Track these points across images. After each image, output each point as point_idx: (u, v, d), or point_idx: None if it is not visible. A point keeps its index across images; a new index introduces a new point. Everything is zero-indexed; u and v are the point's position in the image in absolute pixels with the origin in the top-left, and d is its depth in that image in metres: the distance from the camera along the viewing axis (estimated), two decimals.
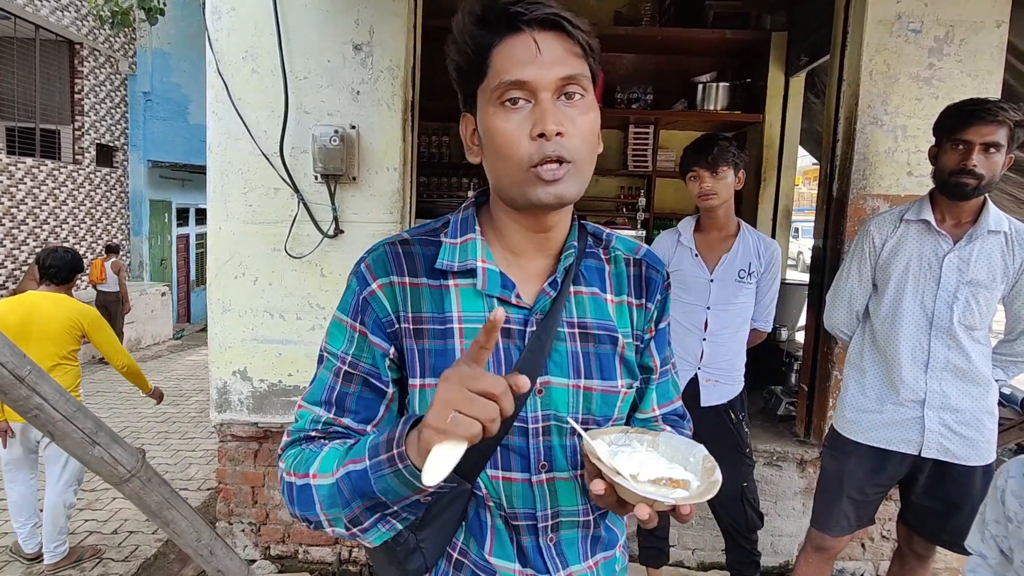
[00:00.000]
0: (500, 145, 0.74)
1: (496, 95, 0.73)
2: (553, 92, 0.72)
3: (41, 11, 7.64)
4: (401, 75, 2.55)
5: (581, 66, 0.73)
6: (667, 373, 0.95)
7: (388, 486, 0.68)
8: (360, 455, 0.71)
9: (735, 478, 2.20)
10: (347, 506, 0.72)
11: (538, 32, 0.72)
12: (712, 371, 2.18)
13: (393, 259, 0.81)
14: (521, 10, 0.71)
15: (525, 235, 0.82)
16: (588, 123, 0.75)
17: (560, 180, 0.73)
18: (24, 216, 7.76)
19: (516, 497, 0.81)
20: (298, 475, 0.76)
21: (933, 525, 1.86)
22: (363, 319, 0.80)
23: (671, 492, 0.69)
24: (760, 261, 2.17)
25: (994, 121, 1.60)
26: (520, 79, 0.71)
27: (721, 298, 2.16)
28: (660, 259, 0.94)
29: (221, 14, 2.52)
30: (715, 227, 2.20)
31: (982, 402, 1.76)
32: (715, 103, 4.16)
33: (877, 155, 2.52)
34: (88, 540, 3.24)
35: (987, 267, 1.72)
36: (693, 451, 0.76)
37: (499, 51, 0.73)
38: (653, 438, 0.79)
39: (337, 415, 0.80)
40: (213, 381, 2.69)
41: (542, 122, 0.71)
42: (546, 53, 0.71)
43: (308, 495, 0.75)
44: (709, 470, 0.72)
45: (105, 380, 6.76)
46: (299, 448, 0.80)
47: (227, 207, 2.60)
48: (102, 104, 8.99)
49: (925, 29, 2.44)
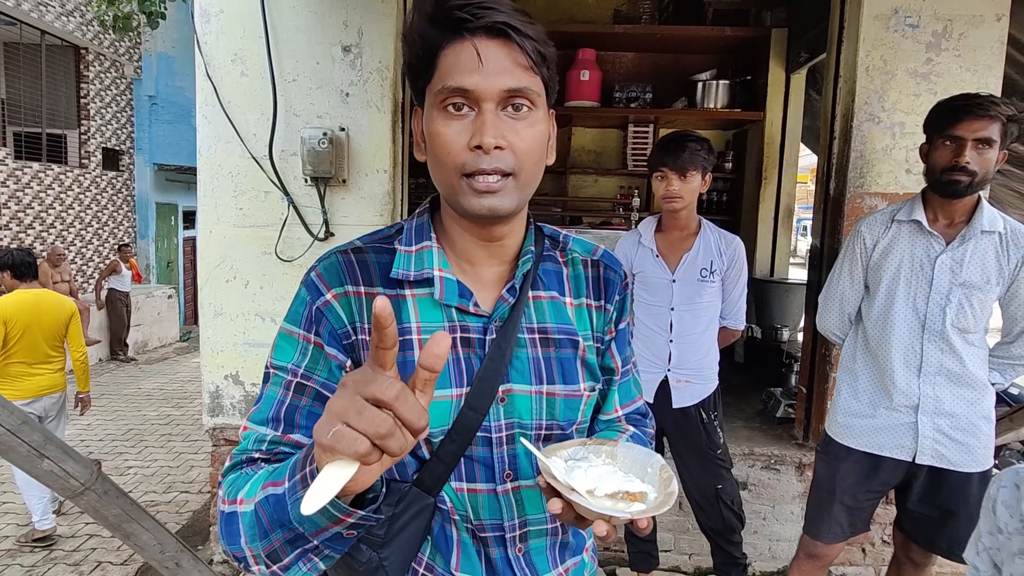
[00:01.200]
0: (438, 150, 0.72)
1: (439, 99, 0.70)
2: (497, 103, 0.69)
3: (46, 16, 7.70)
4: (390, 76, 2.53)
5: (529, 79, 0.70)
6: (628, 373, 0.94)
7: (301, 515, 0.57)
8: (282, 476, 0.62)
9: (709, 480, 2.18)
10: (265, 538, 0.63)
11: (483, 40, 0.69)
12: (682, 372, 2.15)
13: (346, 268, 0.77)
14: (466, 16, 0.68)
15: (476, 243, 0.80)
16: (533, 136, 0.72)
17: (495, 192, 0.71)
18: (31, 220, 7.83)
19: (482, 508, 0.79)
20: (228, 502, 0.69)
21: (929, 533, 1.81)
22: (317, 330, 0.76)
23: (628, 506, 0.68)
24: (723, 259, 2.14)
25: (986, 116, 1.56)
26: (462, 87, 0.69)
27: (684, 298, 2.13)
28: (617, 259, 0.92)
29: (210, 17, 2.52)
30: (676, 227, 2.18)
31: (977, 407, 1.71)
32: (715, 101, 4.13)
33: (874, 152, 2.47)
34: (88, 543, 3.25)
35: (981, 268, 1.67)
36: (650, 461, 0.75)
37: (445, 54, 0.70)
38: (612, 448, 0.77)
39: (285, 431, 0.73)
40: (205, 385, 2.69)
41: (480, 133, 0.69)
42: (490, 63, 0.68)
43: (234, 525, 0.66)
44: (666, 480, 0.71)
45: (110, 383, 6.81)
46: (238, 472, 0.73)
47: (217, 210, 2.60)
48: (108, 108, 9.06)
49: (923, 24, 2.39)
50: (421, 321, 0.77)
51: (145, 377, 7.18)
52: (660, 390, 2.17)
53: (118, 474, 4.19)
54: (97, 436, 4.97)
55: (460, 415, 0.76)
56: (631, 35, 4.10)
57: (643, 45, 4.32)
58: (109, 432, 5.08)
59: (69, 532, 3.33)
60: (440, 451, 0.76)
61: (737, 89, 4.15)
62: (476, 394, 0.76)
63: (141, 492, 3.89)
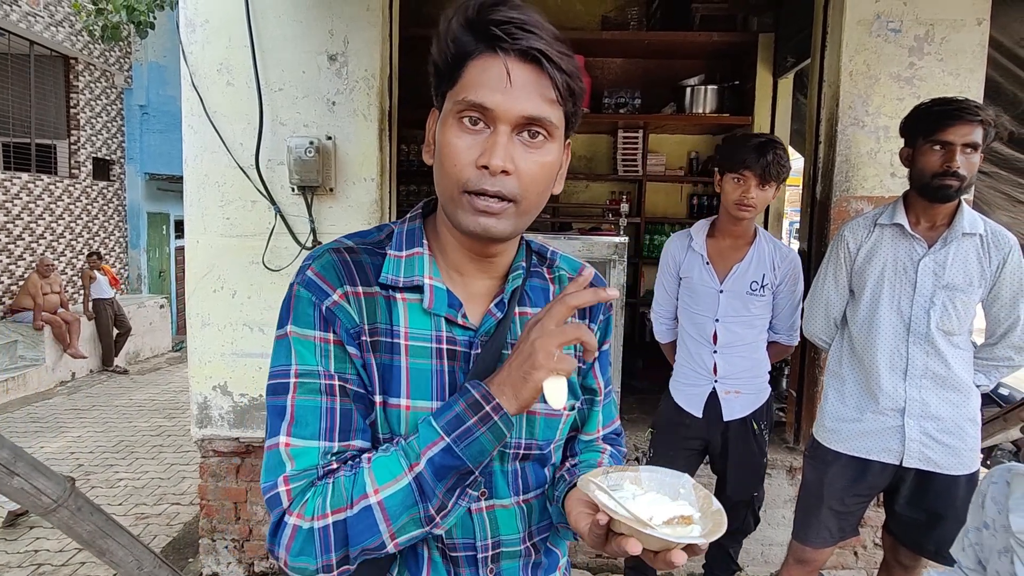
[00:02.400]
0: (445, 160, 0.71)
1: (457, 108, 0.69)
2: (513, 127, 0.69)
3: (35, 27, 7.67)
4: (377, 85, 2.53)
5: (551, 110, 0.69)
6: (609, 394, 0.95)
7: (483, 447, 0.69)
8: (432, 438, 0.69)
9: (749, 487, 2.15)
10: (430, 498, 0.69)
11: (515, 61, 0.67)
12: (731, 382, 2.05)
13: (343, 267, 0.75)
14: (502, 34, 0.66)
15: (467, 256, 0.79)
16: (542, 167, 0.71)
17: (493, 215, 0.70)
18: (20, 231, 7.78)
19: (455, 527, 0.77)
20: (342, 508, 0.68)
21: (917, 536, 1.81)
22: (334, 329, 0.73)
23: (690, 531, 0.67)
24: (776, 273, 2.02)
25: (974, 121, 1.57)
26: (482, 103, 0.68)
27: (731, 310, 2.01)
28: (602, 279, 0.92)
29: (195, 27, 2.51)
30: (733, 234, 2.04)
31: (963, 409, 1.72)
32: (704, 106, 4.14)
33: (859, 156, 2.49)
34: (77, 557, 3.22)
35: (963, 270, 1.68)
36: (680, 482, 0.74)
37: (474, 64, 0.69)
38: (635, 474, 0.76)
39: (344, 440, 0.72)
40: (193, 396, 2.67)
41: (490, 154, 0.68)
42: (517, 87, 0.67)
43: (369, 519, 0.68)
44: (705, 499, 0.71)
45: (101, 394, 6.76)
46: (322, 486, 0.70)
47: (204, 220, 2.59)
48: (98, 118, 9.03)
49: (905, 28, 2.41)
50: (410, 327, 0.76)
51: (137, 388, 7.12)
52: (709, 403, 2.07)
53: (108, 486, 4.15)
54: (87, 448, 4.93)
55: None
56: (619, 41, 4.12)
57: (631, 51, 4.34)
58: (99, 444, 5.03)
59: (57, 547, 3.29)
60: None
61: (725, 94, 4.16)
62: None
63: (131, 504, 3.86)
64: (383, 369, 0.74)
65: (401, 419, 0.74)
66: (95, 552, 1.06)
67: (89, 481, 4.21)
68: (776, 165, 1.87)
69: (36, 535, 3.37)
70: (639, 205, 4.54)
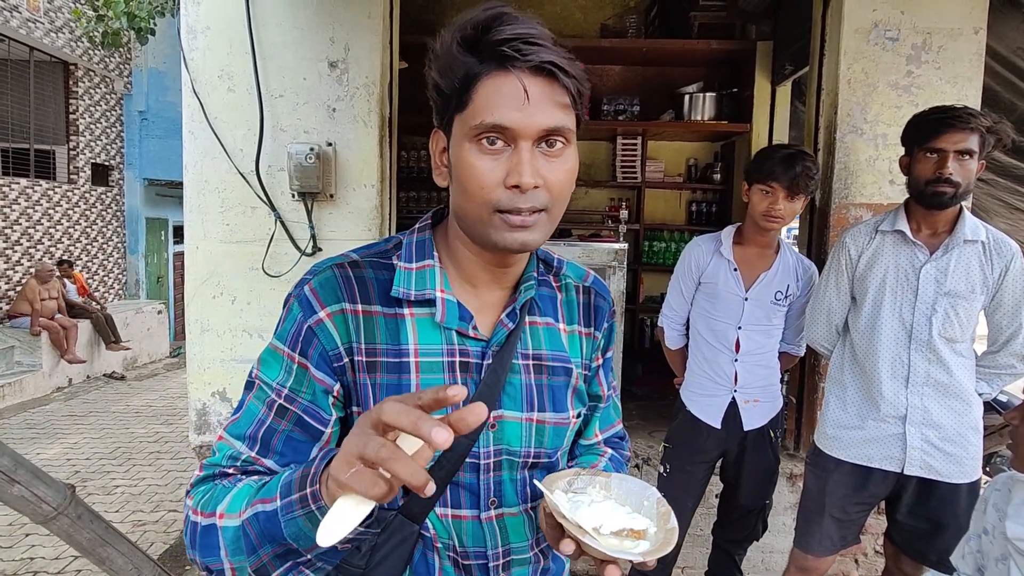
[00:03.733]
0: (469, 183, 0.70)
1: (474, 132, 0.68)
2: (534, 141, 0.69)
3: (35, 33, 7.69)
4: (377, 91, 2.53)
5: (567, 117, 0.70)
6: (610, 399, 0.95)
7: (299, 530, 0.60)
8: (271, 494, 0.63)
9: (761, 496, 2.14)
10: (253, 553, 0.64)
11: (529, 77, 0.67)
12: (751, 391, 2.05)
13: (344, 283, 0.74)
14: (512, 53, 0.66)
15: (483, 267, 0.78)
16: (566, 172, 0.72)
17: (529, 228, 0.70)
18: (18, 236, 7.77)
19: (466, 535, 0.77)
20: (204, 514, 0.68)
21: (919, 544, 1.81)
22: (305, 350, 0.73)
23: (635, 546, 0.67)
24: (798, 284, 2.03)
25: (966, 128, 1.58)
26: (502, 124, 0.67)
27: (753, 318, 2.01)
28: (606, 286, 0.93)
29: (196, 34, 2.52)
30: (760, 244, 2.04)
31: (965, 417, 1.72)
32: (702, 113, 4.16)
33: (858, 164, 2.50)
34: (73, 564, 3.19)
35: (965, 278, 1.68)
36: (646, 493, 0.74)
37: (484, 86, 0.68)
38: (606, 479, 0.76)
39: (260, 454, 0.72)
40: (192, 402, 2.66)
41: (518, 173, 0.67)
42: (534, 101, 0.67)
43: (213, 538, 0.66)
44: (664, 515, 0.70)
45: (99, 400, 6.74)
46: (211, 484, 0.72)
47: (204, 226, 2.59)
48: (97, 124, 9.03)
49: (902, 37, 2.43)
50: (420, 343, 0.75)
51: (134, 394, 7.10)
52: (729, 413, 2.05)
53: (105, 493, 4.13)
54: (84, 455, 4.90)
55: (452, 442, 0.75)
56: (618, 49, 4.14)
57: (630, 59, 4.36)
58: (96, 450, 5.01)
59: (53, 554, 3.27)
60: None
61: (724, 101, 4.18)
62: None
63: (128, 511, 3.83)
64: (388, 390, 0.73)
65: None
66: (95, 560, 1.05)
67: (86, 488, 4.18)
68: (805, 177, 1.86)
69: (32, 542, 3.35)
70: (638, 212, 4.55)
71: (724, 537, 2.28)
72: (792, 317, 2.10)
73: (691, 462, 2.12)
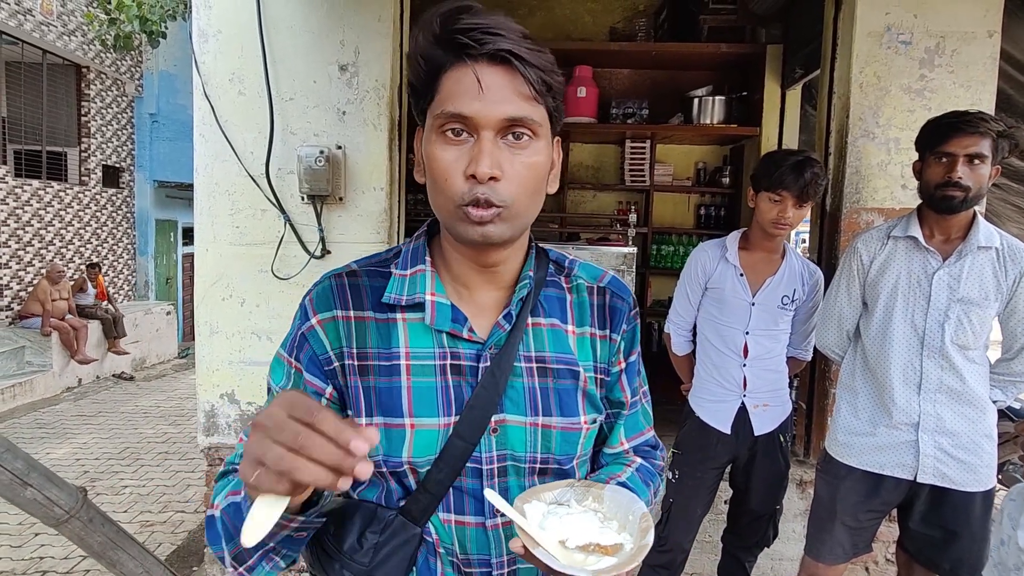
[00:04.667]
0: (435, 175, 0.71)
1: (438, 123, 0.69)
2: (496, 131, 0.68)
3: (48, 36, 7.76)
4: (387, 95, 2.54)
5: (531, 108, 0.69)
6: (637, 404, 0.92)
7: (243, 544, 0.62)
8: (240, 486, 0.67)
9: (772, 501, 2.13)
10: (231, 540, 0.68)
11: (485, 67, 0.67)
12: (760, 396, 2.04)
13: (338, 292, 0.77)
14: (469, 41, 0.66)
15: (472, 268, 0.78)
16: (530, 167, 0.71)
17: (488, 223, 0.70)
18: (30, 237, 7.84)
19: (469, 542, 0.77)
20: (212, 506, 0.73)
21: (932, 553, 1.78)
22: (299, 355, 0.77)
23: (597, 561, 0.65)
24: (804, 288, 2.04)
25: (976, 132, 1.56)
26: (460, 113, 0.67)
27: (761, 323, 2.01)
28: (626, 287, 0.90)
29: (208, 37, 2.53)
30: (766, 249, 2.04)
31: (979, 425, 1.69)
32: (711, 117, 4.14)
33: (870, 168, 2.48)
34: (82, 564, 3.21)
35: (979, 284, 1.66)
36: (633, 508, 0.72)
37: (448, 77, 0.69)
38: (599, 491, 0.74)
39: None
40: (200, 404, 2.67)
41: (476, 163, 0.67)
42: (491, 91, 0.67)
43: (213, 529, 0.71)
44: (643, 531, 0.68)
45: (108, 401, 6.78)
46: (224, 480, 0.76)
47: (214, 229, 2.60)
48: (108, 126, 9.11)
49: (915, 40, 2.41)
50: (411, 346, 0.76)
51: (143, 394, 7.14)
52: (738, 418, 2.05)
53: (113, 493, 4.15)
54: (93, 455, 4.93)
55: (448, 444, 0.74)
56: (627, 52, 4.13)
57: (639, 62, 4.35)
58: (105, 451, 5.04)
59: (62, 554, 3.29)
60: (427, 481, 0.75)
61: (733, 105, 4.17)
62: (465, 423, 0.75)
63: (136, 512, 3.85)
64: (379, 393, 0.75)
65: (405, 438, 0.74)
66: (105, 563, 1.05)
67: (95, 488, 4.20)
68: (814, 185, 1.86)
69: (41, 542, 3.37)
70: (646, 215, 4.54)
71: (734, 544, 2.26)
72: (798, 322, 2.09)
73: (701, 468, 2.11)
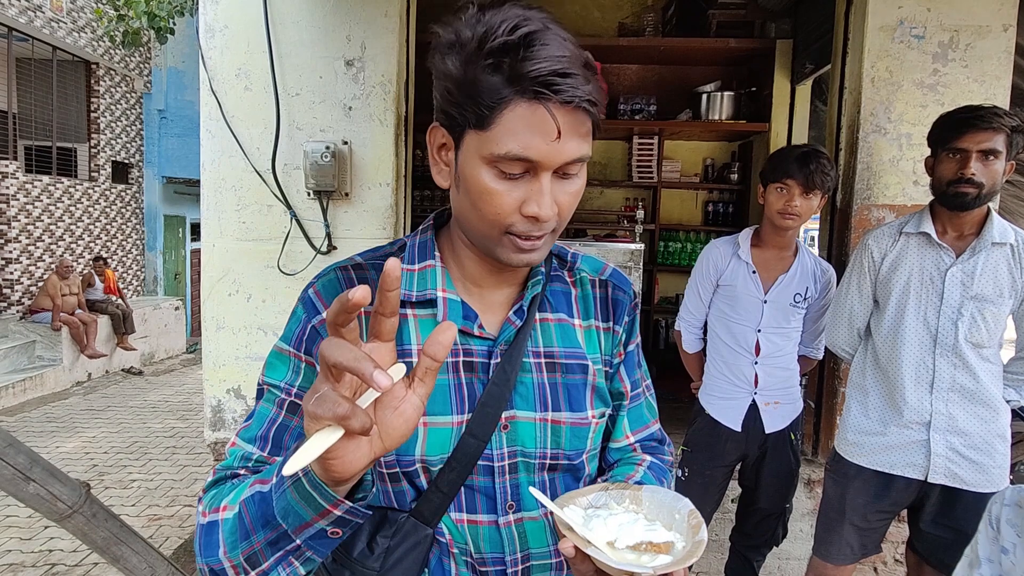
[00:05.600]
0: (484, 205, 0.68)
1: (494, 158, 0.65)
2: (555, 171, 0.67)
3: (58, 33, 7.81)
4: (394, 90, 2.53)
5: (588, 146, 0.68)
6: (640, 396, 0.90)
7: (289, 505, 0.59)
8: (269, 475, 0.63)
9: (782, 499, 2.12)
10: (246, 538, 0.62)
11: (562, 111, 0.63)
12: (771, 393, 2.03)
13: (347, 285, 0.75)
14: (548, 92, 0.62)
15: (488, 270, 0.78)
16: (576, 193, 0.71)
17: (537, 249, 0.71)
18: (40, 233, 7.90)
19: (483, 541, 0.76)
20: (209, 512, 0.68)
21: (943, 555, 1.76)
22: (310, 349, 0.73)
23: (653, 559, 0.64)
24: (816, 286, 2.02)
25: (989, 128, 1.53)
26: (529, 158, 0.64)
27: (772, 321, 2.00)
28: (627, 279, 0.89)
29: (214, 32, 2.53)
30: (778, 245, 2.02)
31: (992, 425, 1.67)
32: (720, 113, 4.11)
33: (881, 164, 2.45)
34: (90, 558, 3.23)
35: (993, 281, 1.63)
36: (678, 506, 0.70)
37: (511, 113, 0.63)
38: (636, 493, 0.73)
39: (271, 453, 0.72)
40: (207, 399, 2.67)
41: (538, 204, 0.66)
42: (564, 136, 0.64)
43: (213, 535, 0.66)
44: (695, 527, 0.67)
45: (117, 395, 6.83)
46: (221, 486, 0.71)
47: (220, 224, 2.60)
48: (118, 122, 9.16)
49: (928, 34, 2.37)
50: (423, 343, 0.74)
51: (151, 389, 7.19)
52: (749, 415, 2.04)
53: (122, 487, 4.18)
54: (102, 449, 4.97)
55: (460, 442, 0.73)
56: (636, 48, 4.10)
57: (647, 58, 4.32)
58: (114, 445, 5.08)
59: (71, 547, 3.31)
60: (439, 480, 0.74)
61: (742, 101, 4.13)
62: (478, 420, 0.73)
63: (144, 506, 3.88)
64: None
65: (419, 437, 0.73)
66: (109, 559, 1.05)
67: (103, 482, 4.24)
68: (820, 173, 1.85)
69: (50, 534, 3.39)
70: (654, 212, 4.52)
71: (742, 543, 2.25)
72: (810, 320, 2.08)
73: (710, 466, 2.10)
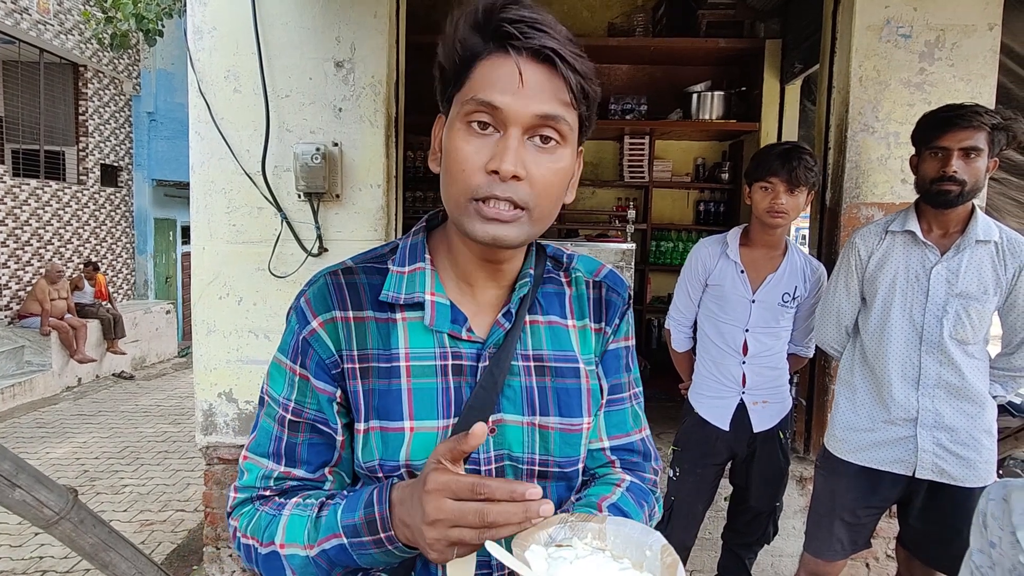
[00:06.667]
0: (452, 166, 0.68)
1: (466, 110, 0.66)
2: (524, 129, 0.66)
3: (45, 35, 7.74)
4: (384, 91, 2.52)
5: (564, 110, 0.67)
6: (624, 401, 0.87)
7: (375, 560, 0.68)
8: (333, 530, 0.67)
9: (772, 499, 2.13)
10: (331, 571, 0.70)
11: (527, 61, 0.65)
12: (759, 392, 2.04)
13: (335, 291, 0.74)
14: (515, 32, 0.64)
15: (478, 263, 0.76)
16: (555, 172, 0.68)
17: (504, 222, 0.67)
18: (28, 237, 7.83)
19: None
20: (258, 541, 0.72)
21: (932, 550, 1.78)
22: (304, 362, 0.74)
23: None
24: (806, 285, 2.02)
25: (970, 126, 1.55)
26: (492, 102, 0.65)
27: (761, 320, 2.00)
28: (623, 281, 0.88)
29: (203, 34, 2.52)
30: (767, 244, 2.02)
31: (978, 420, 1.69)
32: (710, 112, 4.13)
33: (869, 163, 2.47)
34: (81, 564, 3.21)
35: (977, 278, 1.65)
36: (648, 541, 0.64)
37: (483, 64, 0.66)
38: (599, 526, 0.66)
39: (288, 467, 0.75)
40: (198, 403, 2.66)
41: (500, 158, 0.64)
42: (529, 87, 0.64)
43: (277, 564, 0.71)
44: (670, 566, 0.60)
45: (108, 400, 6.77)
46: (252, 508, 0.75)
47: (210, 227, 2.59)
48: (106, 125, 9.09)
49: (915, 34, 2.39)
50: (411, 347, 0.74)
51: (143, 393, 7.14)
52: (737, 415, 2.05)
53: (113, 493, 4.15)
54: (93, 454, 4.93)
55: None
56: (626, 48, 4.11)
57: (638, 58, 4.34)
58: (105, 450, 5.04)
59: (62, 553, 3.28)
60: None
61: (732, 100, 4.15)
62: (465, 425, 0.72)
63: (136, 511, 3.85)
64: (379, 395, 0.73)
65: (404, 442, 0.72)
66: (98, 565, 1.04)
67: (95, 487, 4.20)
68: (803, 169, 1.85)
69: (41, 541, 3.36)
70: (645, 211, 4.53)
71: (735, 540, 2.26)
72: (800, 319, 2.08)
73: (701, 465, 2.11)
